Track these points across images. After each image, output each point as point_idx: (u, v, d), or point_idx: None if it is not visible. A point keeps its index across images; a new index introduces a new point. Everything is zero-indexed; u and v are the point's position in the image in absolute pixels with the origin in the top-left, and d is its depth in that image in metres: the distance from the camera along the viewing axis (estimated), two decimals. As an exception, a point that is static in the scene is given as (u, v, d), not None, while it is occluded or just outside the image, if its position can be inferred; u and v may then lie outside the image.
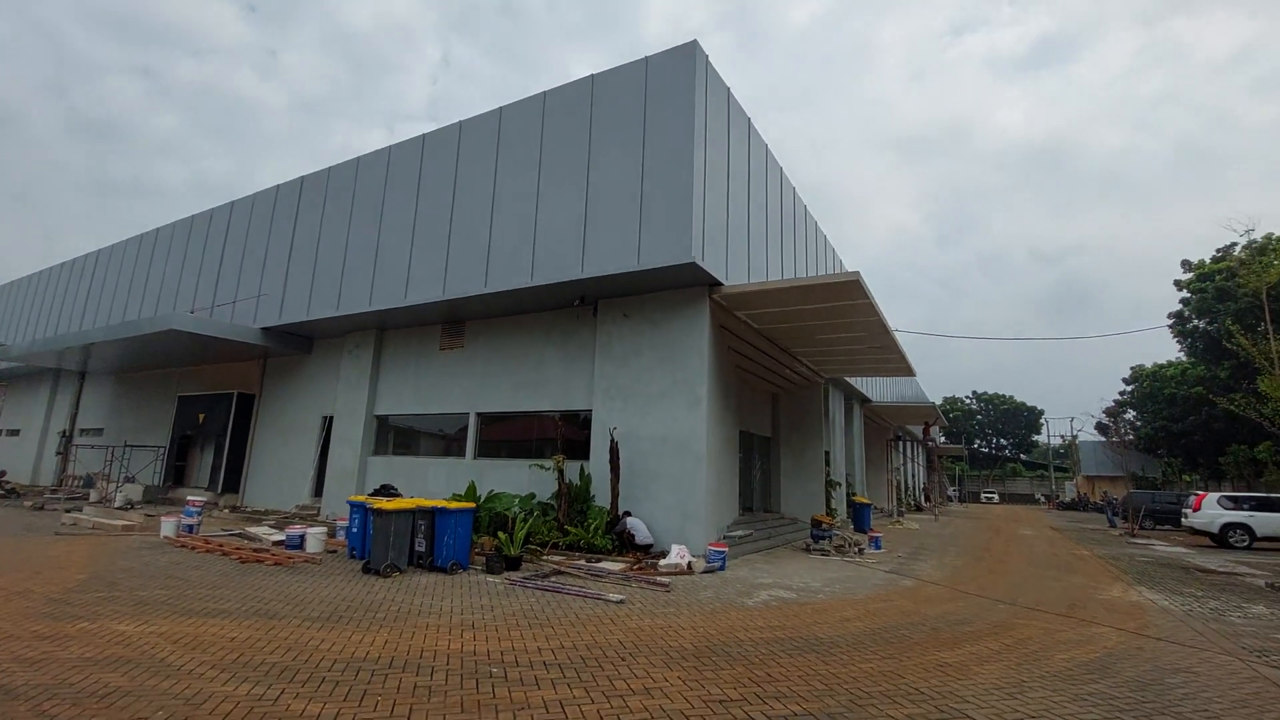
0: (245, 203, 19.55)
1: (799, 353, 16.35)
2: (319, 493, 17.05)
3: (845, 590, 9.44)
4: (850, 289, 11.08)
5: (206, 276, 19.99)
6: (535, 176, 13.11)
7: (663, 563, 10.22)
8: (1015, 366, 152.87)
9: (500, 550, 10.05)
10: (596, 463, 12.37)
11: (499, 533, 10.76)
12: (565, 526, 11.60)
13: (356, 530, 10.49)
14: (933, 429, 38.56)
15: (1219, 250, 34.06)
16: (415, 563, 9.62)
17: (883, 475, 32.74)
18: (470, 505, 10.37)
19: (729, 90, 13.12)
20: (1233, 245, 32.17)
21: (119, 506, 17.51)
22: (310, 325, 17.02)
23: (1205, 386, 33.84)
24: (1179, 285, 36.26)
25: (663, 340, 12.21)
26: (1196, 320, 35.00)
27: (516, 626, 6.45)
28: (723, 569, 10.49)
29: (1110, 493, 48.46)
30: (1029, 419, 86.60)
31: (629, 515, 11.48)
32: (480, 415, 14.69)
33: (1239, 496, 20.12)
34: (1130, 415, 52.44)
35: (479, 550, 10.44)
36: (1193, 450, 39.74)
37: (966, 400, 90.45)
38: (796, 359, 16.82)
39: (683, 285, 12.03)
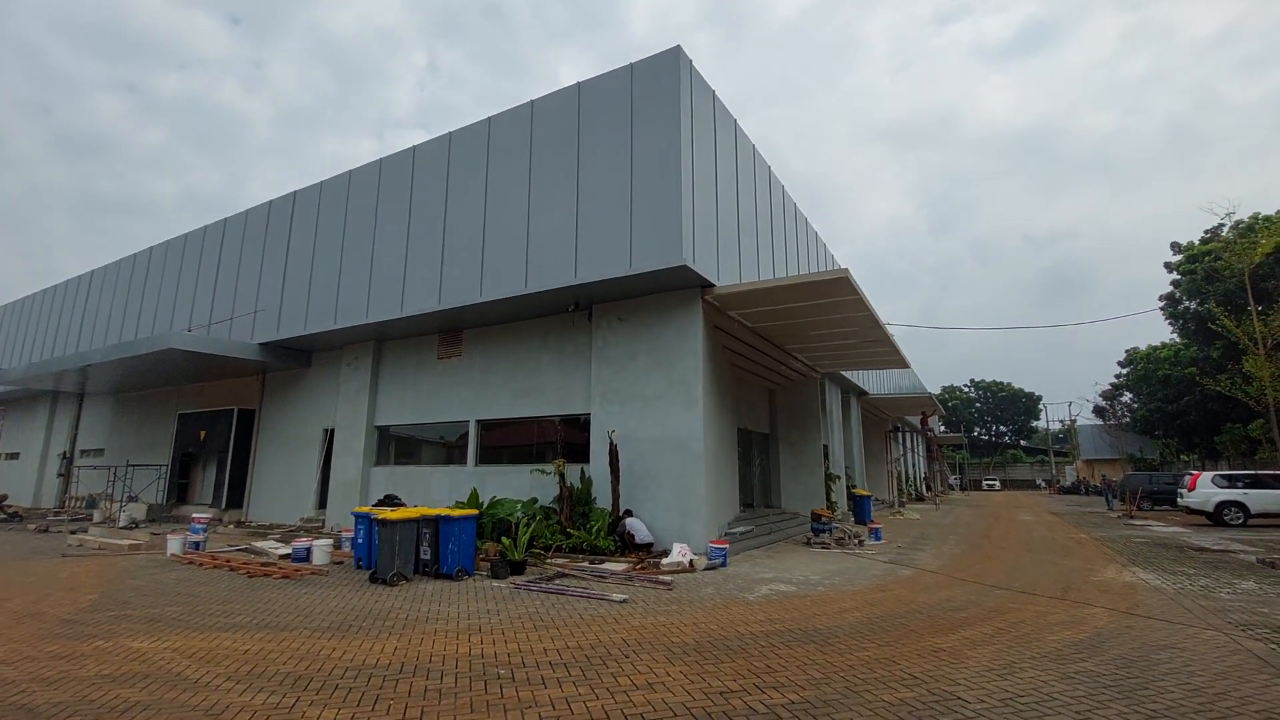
0: (238, 219, 19.68)
1: (793, 349, 16.53)
2: (323, 505, 17.19)
3: (844, 582, 9.62)
4: (839, 285, 11.26)
5: (203, 294, 20.12)
6: (526, 184, 13.27)
7: (665, 561, 10.38)
8: (1012, 353, 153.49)
9: (504, 555, 10.20)
10: (597, 465, 12.53)
11: (503, 538, 10.91)
12: (568, 529, 11.76)
13: (362, 541, 10.63)
14: (930, 419, 38.83)
15: (1207, 232, 34.35)
16: (421, 571, 9.76)
17: (883, 467, 32.95)
18: (473, 512, 10.52)
19: (714, 92, 13.29)
20: (1220, 226, 32.45)
21: (124, 526, 17.64)
22: (308, 339, 17.16)
23: (1198, 367, 34.13)
24: (1169, 267, 36.55)
25: (657, 342, 12.37)
26: (1187, 302, 35.29)
27: (522, 629, 6.61)
28: (724, 565, 10.66)
29: (1109, 475, 48.81)
30: (1028, 405, 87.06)
31: (629, 515, 11.65)
32: (480, 422, 14.84)
33: (1233, 475, 20.34)
34: (1127, 398, 52.83)
35: (483, 556, 10.59)
36: (1188, 430, 40.04)
37: (965, 389, 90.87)
38: (791, 355, 17.00)
39: (675, 288, 12.20)
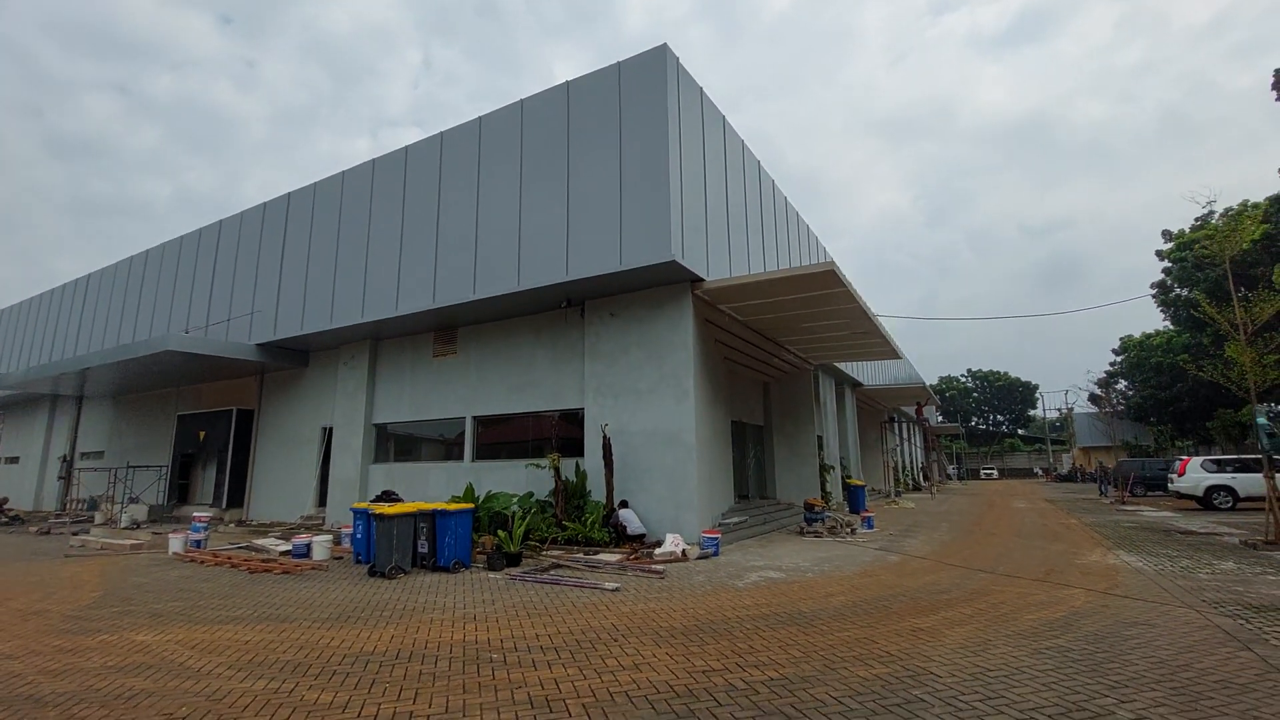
0: (234, 221, 19.79)
1: (785, 341, 16.71)
2: (323, 502, 17.37)
3: (833, 568, 9.82)
4: (826, 278, 11.43)
5: (199, 295, 20.25)
6: (517, 183, 13.41)
7: (658, 551, 10.58)
8: (1009, 342, 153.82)
9: (500, 548, 10.40)
10: (591, 459, 12.72)
11: (499, 531, 11.12)
12: (563, 522, 11.96)
13: (361, 536, 10.83)
14: (926, 409, 39.04)
15: (1198, 219, 34.49)
16: (419, 564, 9.96)
17: (879, 457, 33.18)
18: (469, 506, 10.72)
19: (702, 89, 13.42)
20: (1210, 214, 32.61)
21: (125, 526, 17.82)
22: (305, 339, 17.32)
23: (1191, 354, 34.34)
24: (1160, 255, 36.71)
25: (649, 337, 12.55)
26: (1179, 289, 35.47)
27: (516, 617, 6.81)
28: (716, 554, 10.86)
29: (1104, 463, 49.16)
30: (1024, 394, 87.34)
31: (624, 506, 11.85)
32: (476, 419, 15.02)
33: (1222, 459, 20.58)
34: (1122, 385, 53.12)
35: (480, 549, 10.78)
36: (1181, 416, 40.30)
37: (962, 379, 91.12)
38: (784, 348, 17.18)
39: (665, 283, 12.37)
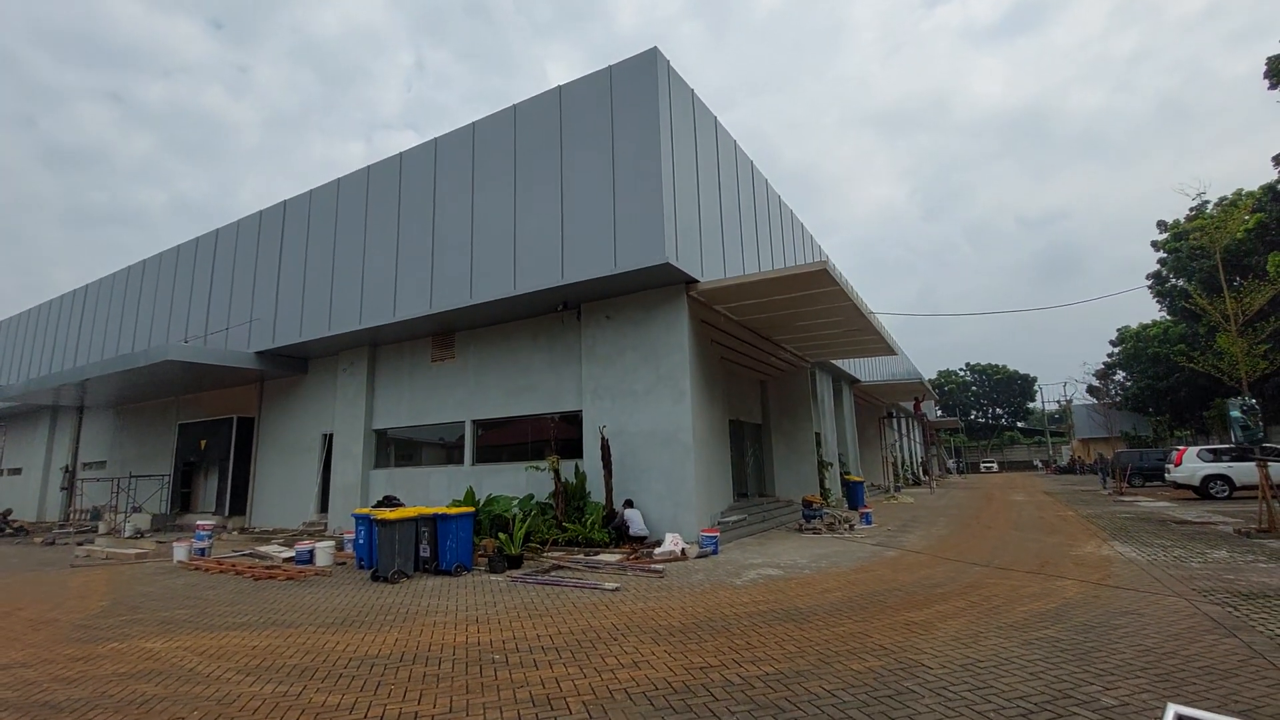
0: (230, 229, 19.88)
1: (781, 340, 16.83)
2: (324, 509, 17.48)
3: (830, 564, 9.94)
4: (819, 277, 11.55)
5: (198, 304, 20.34)
6: (511, 187, 13.52)
7: (657, 551, 10.70)
8: (1008, 336, 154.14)
9: (501, 550, 10.52)
10: (590, 460, 12.83)
11: (500, 534, 11.24)
12: (564, 523, 12.07)
13: (363, 541, 10.94)
14: (924, 404, 39.24)
15: (1192, 209, 34.62)
16: (421, 568, 10.07)
17: (878, 453, 33.33)
18: (470, 510, 10.83)
19: (693, 91, 13.53)
20: (1204, 204, 32.74)
21: (129, 536, 17.92)
22: (304, 346, 17.42)
23: (1186, 344, 34.50)
24: (1155, 246, 36.87)
25: (645, 339, 12.66)
26: (1174, 279, 35.63)
27: (518, 618, 6.92)
28: (715, 553, 10.98)
29: (1104, 454, 49.32)
30: (1023, 386, 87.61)
31: (630, 506, 11.94)
32: (476, 422, 15.13)
33: (1218, 449, 20.73)
34: (1120, 376, 53.29)
35: (481, 552, 10.89)
36: (1179, 407, 40.48)
37: (961, 373, 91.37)
38: (780, 346, 17.30)
39: (660, 284, 12.48)
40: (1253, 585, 7.38)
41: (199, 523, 13.96)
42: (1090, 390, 59.70)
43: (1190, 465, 20.47)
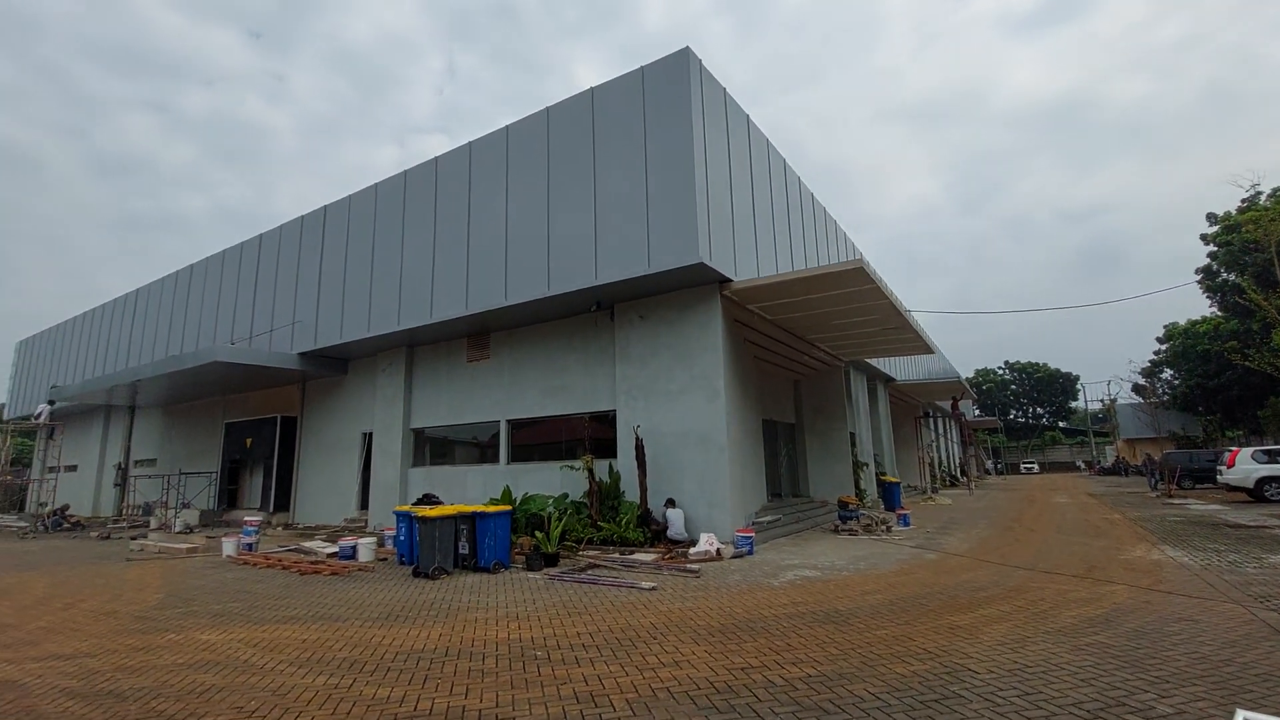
0: (273, 234, 20.46)
1: (815, 339, 16.68)
2: (365, 506, 17.89)
3: (869, 566, 9.83)
4: (855, 276, 11.42)
5: (243, 307, 20.99)
6: (545, 189, 13.65)
7: (692, 551, 10.71)
8: (1048, 333, 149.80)
9: (538, 549, 10.64)
10: (624, 460, 12.90)
11: (536, 532, 11.37)
12: (598, 522, 12.16)
13: (404, 538, 11.18)
14: (961, 403, 38.41)
15: (1244, 201, 33.26)
16: (460, 565, 10.25)
17: (914, 453, 32.77)
18: (507, 508, 10.99)
19: (725, 90, 13.50)
20: (1257, 195, 31.42)
21: (179, 531, 18.58)
22: (344, 347, 17.86)
23: (1240, 340, 33.19)
24: (1205, 239, 35.51)
25: (678, 339, 12.68)
26: (1225, 274, 34.27)
27: (557, 616, 7.01)
28: (751, 553, 10.95)
29: (1152, 455, 47.66)
30: (1064, 385, 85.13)
31: (672, 505, 11.93)
32: (510, 422, 15.33)
33: (1274, 449, 19.88)
34: (1167, 374, 51.44)
35: (518, 550, 11.04)
36: (1231, 406, 38.93)
37: (999, 371, 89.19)
38: (814, 345, 17.14)
39: (693, 284, 12.48)
40: (1316, 593, 7.09)
41: (246, 518, 14.41)
42: (1136, 389, 57.73)
43: (1244, 467, 19.68)
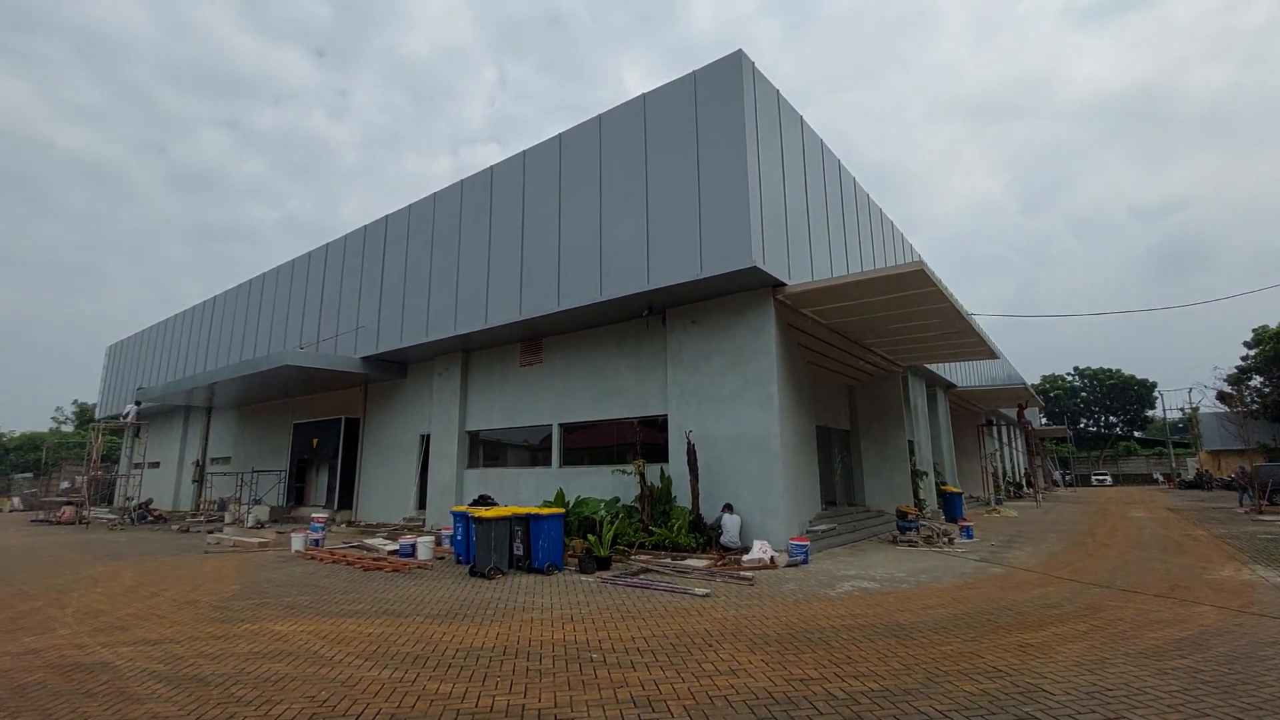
0: (338, 244, 21.34)
1: (871, 344, 16.27)
2: (423, 505, 18.41)
3: (931, 579, 9.51)
4: (915, 278, 11.09)
5: (310, 314, 21.95)
6: (597, 195, 13.79)
7: (746, 558, 10.59)
8: (1121, 337, 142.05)
9: (591, 551, 10.72)
10: (675, 465, 12.87)
11: (588, 535, 11.46)
12: (650, 527, 12.16)
13: (460, 538, 11.44)
14: (1027, 410, 36.73)
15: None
16: (515, 565, 10.42)
17: (976, 463, 31.53)
18: (560, 511, 11.11)
19: (778, 92, 13.36)
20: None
21: (252, 526, 19.52)
22: (403, 352, 18.46)
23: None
24: (1301, 236, 33.04)
25: (731, 343, 12.58)
26: (1325, 273, 31.78)
27: (611, 619, 7.04)
28: (805, 562, 10.74)
29: (1244, 467, 44.48)
30: (1140, 393, 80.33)
31: (729, 510, 11.81)
32: (562, 425, 15.51)
33: (1384, 465, 18.28)
34: (1256, 381, 47.99)
35: (571, 552, 11.14)
36: (1332, 416, 35.98)
37: (1068, 377, 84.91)
38: (870, 350, 16.74)
39: (746, 288, 12.37)
40: None
41: (314, 515, 15.02)
42: (1220, 397, 53.99)
43: (1348, 482, 18.16)
